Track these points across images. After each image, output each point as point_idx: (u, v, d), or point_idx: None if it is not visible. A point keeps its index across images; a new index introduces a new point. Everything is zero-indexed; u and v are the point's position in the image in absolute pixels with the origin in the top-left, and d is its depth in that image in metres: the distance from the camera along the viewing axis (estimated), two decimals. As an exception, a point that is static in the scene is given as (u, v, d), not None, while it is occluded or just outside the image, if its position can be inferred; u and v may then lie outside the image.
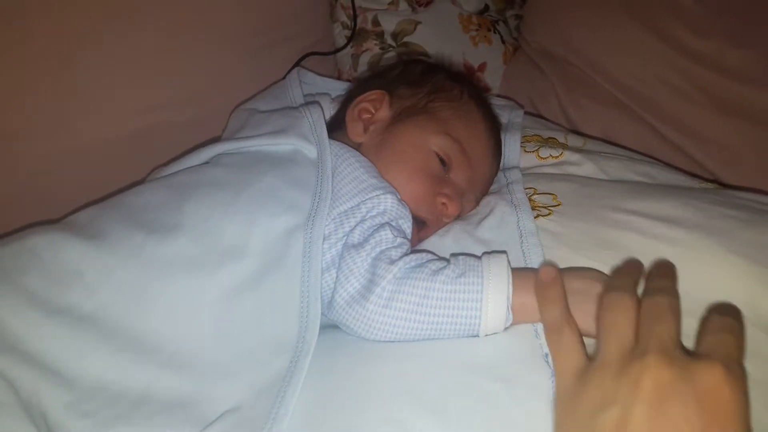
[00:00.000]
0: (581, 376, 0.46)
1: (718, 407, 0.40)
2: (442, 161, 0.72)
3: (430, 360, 0.56)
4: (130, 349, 0.56)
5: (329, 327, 0.62)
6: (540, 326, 0.56)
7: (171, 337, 0.57)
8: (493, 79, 1.21)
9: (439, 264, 0.60)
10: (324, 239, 0.62)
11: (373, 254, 0.60)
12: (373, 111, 0.76)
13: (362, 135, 0.75)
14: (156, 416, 0.54)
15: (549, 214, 0.68)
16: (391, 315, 0.57)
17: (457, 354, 0.56)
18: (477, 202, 0.74)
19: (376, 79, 0.81)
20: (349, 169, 0.67)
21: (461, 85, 0.78)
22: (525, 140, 0.84)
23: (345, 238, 0.62)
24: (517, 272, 0.58)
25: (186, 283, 0.59)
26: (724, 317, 0.48)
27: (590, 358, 0.48)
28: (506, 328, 0.57)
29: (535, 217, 0.67)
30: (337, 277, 0.60)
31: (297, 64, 1.03)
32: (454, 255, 0.62)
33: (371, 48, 1.15)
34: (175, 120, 0.92)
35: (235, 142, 0.72)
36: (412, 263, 0.59)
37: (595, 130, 1.08)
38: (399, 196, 0.67)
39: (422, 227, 0.71)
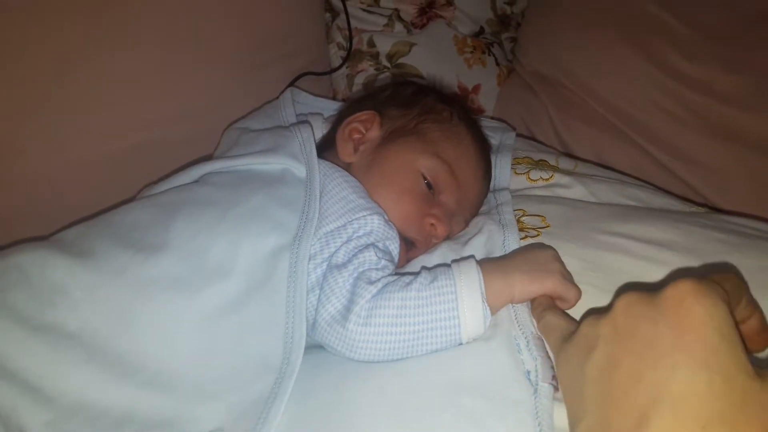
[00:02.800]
0: (568, 338, 0.49)
1: (689, 318, 0.40)
2: (429, 183, 0.72)
3: (413, 378, 0.56)
4: (113, 368, 0.55)
5: (315, 347, 0.62)
6: (523, 341, 0.57)
7: (154, 356, 0.57)
8: (487, 100, 1.22)
9: (412, 277, 0.60)
10: (310, 259, 0.62)
11: (355, 275, 0.60)
12: (363, 131, 0.76)
13: (352, 155, 0.75)
14: None
15: (537, 235, 0.68)
16: (372, 332, 0.57)
17: (439, 371, 0.56)
18: (466, 224, 0.75)
19: (367, 99, 0.82)
20: (336, 189, 0.67)
21: (451, 108, 0.79)
22: (516, 162, 0.84)
23: (330, 258, 0.62)
24: (485, 263, 0.61)
25: (170, 303, 0.58)
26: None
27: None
28: (487, 325, 0.58)
29: (523, 238, 0.67)
30: (319, 297, 0.60)
31: (292, 83, 1.04)
32: (425, 267, 0.62)
33: (366, 69, 1.16)
34: (169, 137, 0.92)
35: (225, 160, 0.72)
36: (388, 281, 0.60)
37: (587, 153, 1.08)
38: (386, 217, 0.67)
39: (411, 248, 0.71)
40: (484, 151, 0.80)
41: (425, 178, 0.72)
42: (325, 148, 0.78)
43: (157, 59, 0.90)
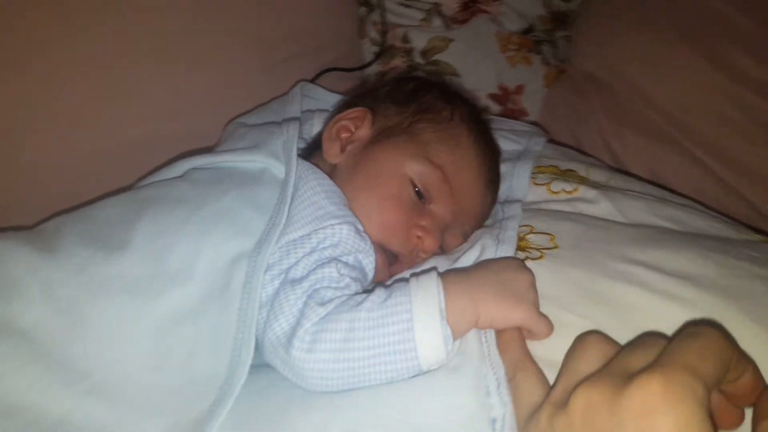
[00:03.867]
0: (530, 417, 0.42)
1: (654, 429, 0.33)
2: (418, 190, 0.64)
3: (361, 415, 0.48)
4: (59, 372, 0.51)
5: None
6: (493, 383, 0.48)
7: (103, 363, 0.52)
8: (532, 102, 1.12)
9: (366, 295, 0.52)
10: (267, 270, 0.56)
11: (309, 292, 0.53)
12: (353, 129, 0.69)
13: (338, 155, 0.68)
14: None
15: (540, 257, 0.58)
16: (317, 359, 0.50)
17: (392, 408, 0.48)
18: (465, 238, 0.66)
19: (365, 96, 0.75)
20: (309, 194, 0.60)
21: (453, 107, 0.70)
22: (538, 171, 0.74)
23: (289, 270, 0.56)
24: (449, 276, 0.53)
25: (124, 307, 0.54)
26: (698, 327, 0.39)
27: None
28: (450, 348, 0.50)
29: (524, 259, 0.58)
30: (267, 314, 0.54)
31: (316, 78, 0.98)
32: (379, 285, 0.54)
33: (399, 65, 1.09)
34: (190, 131, 0.89)
35: (208, 156, 0.66)
36: (341, 301, 0.52)
37: (639, 165, 0.97)
38: (359, 227, 0.60)
39: (394, 262, 0.63)
40: (489, 156, 0.70)
41: (414, 185, 0.64)
42: (316, 148, 0.71)
43: (178, 51, 0.86)
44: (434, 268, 0.55)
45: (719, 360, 0.37)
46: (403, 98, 0.71)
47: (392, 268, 0.63)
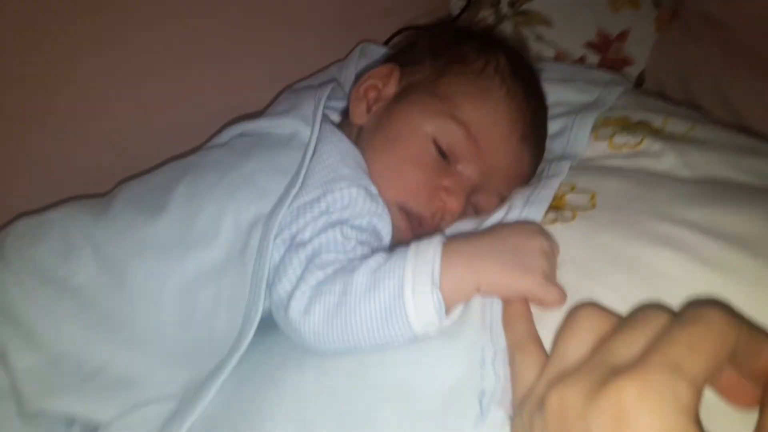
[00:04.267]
0: (519, 406, 0.38)
1: None
2: (442, 150, 0.60)
3: (349, 377, 0.47)
4: (101, 324, 0.57)
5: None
6: (490, 353, 0.44)
7: (137, 317, 0.57)
8: (639, 50, 1.00)
9: (365, 259, 0.50)
10: (279, 233, 0.56)
11: (311, 256, 0.52)
12: (380, 88, 0.66)
13: (363, 116, 0.65)
14: (100, 391, 0.54)
15: (572, 218, 0.52)
16: (312, 322, 0.49)
17: (382, 373, 0.46)
18: (502, 199, 0.60)
19: (402, 51, 0.71)
20: (325, 156, 0.59)
21: (488, 57, 0.64)
22: (605, 124, 0.66)
23: (297, 234, 0.55)
24: (454, 243, 0.49)
25: (155, 266, 0.58)
26: (695, 309, 0.33)
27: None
28: (443, 315, 0.47)
29: (553, 221, 0.52)
30: (273, 276, 0.54)
31: (392, 38, 0.96)
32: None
33: (485, 19, 1.02)
34: (257, 101, 0.91)
35: (248, 122, 0.67)
36: (340, 266, 0.51)
37: (757, 113, 0.83)
38: (373, 190, 0.58)
39: (419, 225, 0.60)
40: (527, 110, 0.63)
41: (437, 144, 0.60)
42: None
43: (241, 20, 0.88)
44: (440, 233, 0.51)
45: (717, 348, 0.31)
46: (436, 51, 0.66)
47: (418, 231, 0.60)
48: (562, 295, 0.45)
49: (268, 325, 0.55)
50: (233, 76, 0.89)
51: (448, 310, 0.47)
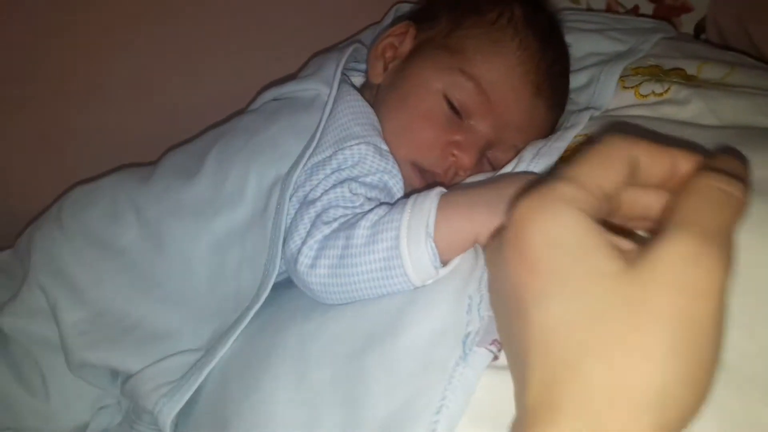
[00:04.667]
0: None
1: (527, 249, 0.30)
2: (454, 105, 0.60)
3: (348, 321, 0.49)
4: (140, 283, 0.61)
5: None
6: (476, 299, 0.44)
7: (173, 275, 0.61)
8: (701, -5, 0.94)
9: (368, 213, 0.52)
10: (294, 193, 0.58)
11: (319, 212, 0.54)
12: (397, 46, 0.67)
13: (381, 75, 0.66)
14: (136, 344, 0.59)
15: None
16: (317, 275, 0.51)
17: (377, 318, 0.48)
18: (518, 153, 0.60)
19: (422, 9, 0.71)
20: (339, 115, 0.61)
21: (503, 8, 0.63)
22: (635, 72, 0.64)
23: (310, 191, 0.57)
24: (452, 194, 0.50)
25: (189, 227, 0.61)
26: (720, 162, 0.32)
27: None
28: (438, 266, 0.48)
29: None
30: (286, 234, 0.56)
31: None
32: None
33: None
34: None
35: (277, 88, 0.70)
36: (346, 220, 0.52)
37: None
38: (384, 147, 0.59)
39: (433, 181, 0.61)
40: (542, 61, 0.62)
41: (448, 100, 0.60)
42: None
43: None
44: (439, 185, 0.52)
45: (613, 159, 0.31)
46: (451, 5, 0.66)
47: (433, 185, 0.61)
48: None
49: (291, 280, 0.58)
50: (280, 46, 0.92)
51: (446, 261, 0.48)
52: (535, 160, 0.53)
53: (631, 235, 0.33)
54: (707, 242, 0.27)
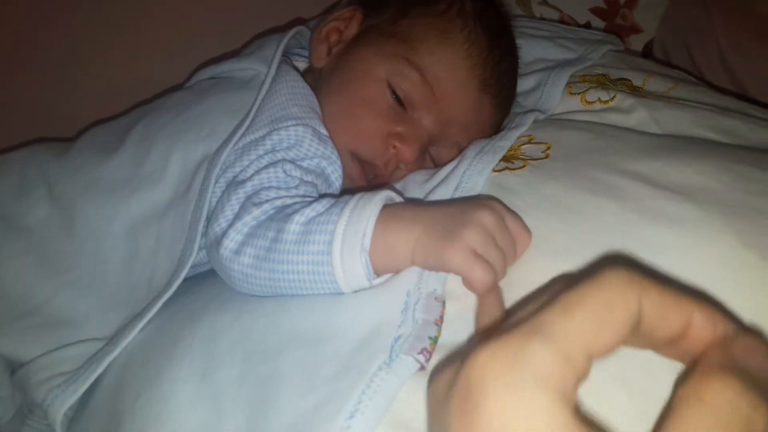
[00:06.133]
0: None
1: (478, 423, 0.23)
2: (397, 95, 0.58)
3: (267, 316, 0.45)
4: (47, 264, 0.56)
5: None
6: (413, 299, 0.41)
7: (83, 258, 0.56)
8: (649, 17, 0.95)
9: (306, 204, 0.47)
10: (223, 173, 0.54)
11: (249, 193, 0.50)
12: (342, 30, 0.64)
13: (323, 59, 0.63)
14: (31, 329, 0.53)
15: (523, 167, 0.50)
16: (241, 263, 0.47)
17: (301, 316, 0.44)
18: (460, 151, 0.57)
19: None
20: (277, 95, 0.57)
21: (453, 0, 0.61)
22: (582, 80, 0.63)
23: (240, 172, 0.53)
24: (393, 209, 0.45)
25: (102, 206, 0.56)
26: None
27: None
28: (372, 280, 0.44)
29: (501, 170, 0.50)
30: (210, 216, 0.52)
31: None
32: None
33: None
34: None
35: (216, 66, 0.66)
36: (280, 204, 0.48)
37: (759, 80, 0.79)
38: (323, 131, 0.55)
39: (372, 174, 0.58)
40: (489, 57, 0.60)
41: (392, 89, 0.58)
42: None
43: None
44: (389, 187, 0.48)
45: (604, 311, 0.24)
46: None
47: (373, 180, 0.58)
48: (488, 276, 0.39)
49: (213, 271, 0.53)
50: (227, 24, 0.88)
51: (379, 273, 0.44)
52: (478, 157, 0.51)
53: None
54: None
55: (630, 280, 0.25)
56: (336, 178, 0.55)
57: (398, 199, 0.47)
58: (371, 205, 0.44)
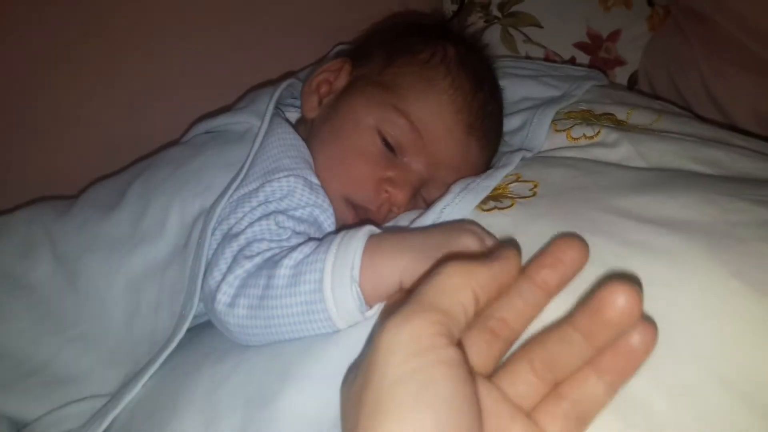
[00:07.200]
0: None
1: None
2: (387, 141, 0.59)
3: (265, 361, 0.46)
4: (49, 321, 0.57)
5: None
6: None
7: (86, 314, 0.57)
8: (632, 50, 0.98)
9: (292, 249, 0.49)
10: (218, 226, 0.55)
11: (242, 246, 0.51)
12: (332, 81, 0.66)
13: (315, 109, 0.65)
14: (37, 388, 0.54)
15: (511, 205, 0.51)
16: (236, 315, 0.48)
17: (297, 354, 0.45)
18: None
19: (357, 46, 0.70)
20: (269, 147, 0.59)
21: (435, 48, 0.63)
22: (567, 116, 0.65)
23: (234, 225, 0.54)
24: (382, 237, 0.47)
25: (103, 263, 0.57)
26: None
27: None
28: (364, 311, 0.46)
29: (491, 209, 0.51)
30: (206, 269, 0.53)
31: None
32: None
33: (475, 22, 1.02)
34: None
35: (211, 120, 0.68)
36: (270, 256, 0.49)
37: (741, 106, 0.81)
38: (314, 181, 0.57)
39: (366, 218, 0.59)
40: (474, 100, 0.62)
41: (382, 136, 0.59)
42: None
43: (238, 31, 0.89)
44: (369, 223, 0.50)
45: (455, 295, 0.31)
46: (385, 43, 0.66)
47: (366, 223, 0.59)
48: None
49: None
50: (219, 81, 0.91)
51: (371, 304, 0.46)
52: (462, 194, 0.52)
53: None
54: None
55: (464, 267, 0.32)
56: (329, 224, 0.56)
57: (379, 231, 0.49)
58: (356, 238, 0.47)
